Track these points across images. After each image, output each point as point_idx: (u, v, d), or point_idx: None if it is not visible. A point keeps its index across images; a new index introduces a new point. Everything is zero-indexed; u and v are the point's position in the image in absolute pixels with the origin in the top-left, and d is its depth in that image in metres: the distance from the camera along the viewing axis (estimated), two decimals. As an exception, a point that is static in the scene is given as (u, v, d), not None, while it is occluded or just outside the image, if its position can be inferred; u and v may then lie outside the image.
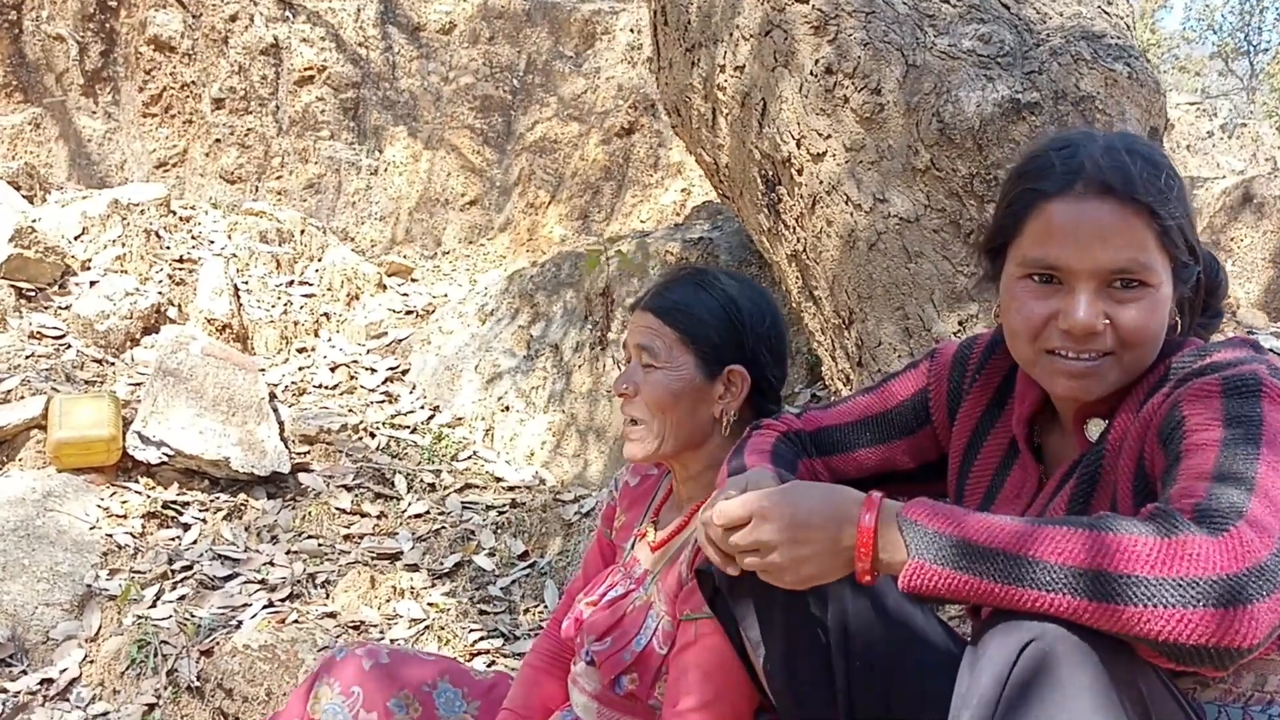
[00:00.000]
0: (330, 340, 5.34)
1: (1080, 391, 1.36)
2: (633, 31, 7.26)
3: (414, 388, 5.00)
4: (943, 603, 1.19)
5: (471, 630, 3.36)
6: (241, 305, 5.28)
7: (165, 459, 3.94)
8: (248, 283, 5.50)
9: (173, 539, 3.74)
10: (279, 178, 7.03)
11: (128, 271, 5.17)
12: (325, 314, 5.48)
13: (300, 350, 5.25)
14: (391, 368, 5.13)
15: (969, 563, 1.15)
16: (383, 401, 4.89)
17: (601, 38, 7.32)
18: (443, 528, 3.94)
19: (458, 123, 7.26)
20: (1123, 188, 1.29)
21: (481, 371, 4.86)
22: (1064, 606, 1.10)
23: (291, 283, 5.65)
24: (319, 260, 5.86)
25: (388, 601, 3.46)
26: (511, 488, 4.32)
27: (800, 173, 2.91)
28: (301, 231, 6.00)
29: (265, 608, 3.42)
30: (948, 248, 2.63)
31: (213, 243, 5.68)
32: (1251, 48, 16.99)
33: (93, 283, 5.00)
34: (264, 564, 3.66)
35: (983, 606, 1.19)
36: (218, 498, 3.97)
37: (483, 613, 3.48)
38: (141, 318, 4.89)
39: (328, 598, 3.51)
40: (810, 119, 2.85)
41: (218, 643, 3.22)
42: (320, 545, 3.78)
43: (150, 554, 3.64)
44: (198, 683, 3.11)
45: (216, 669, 3.10)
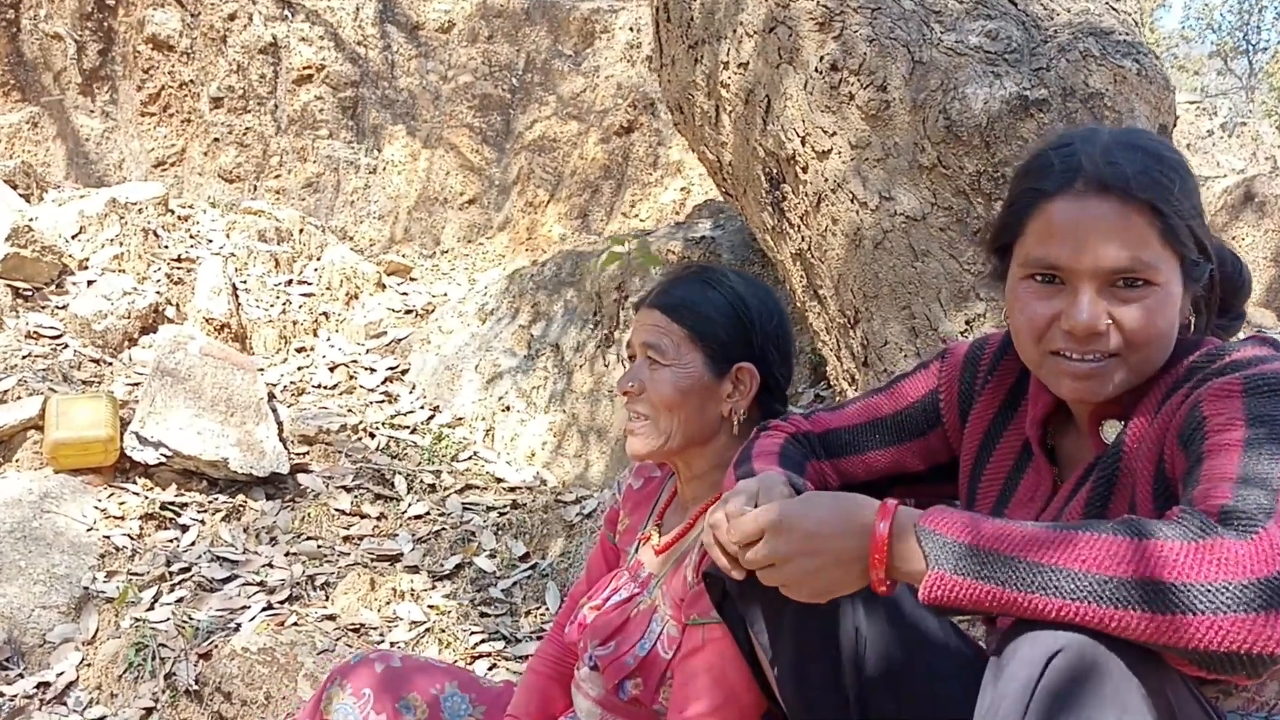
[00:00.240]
0: (329, 340, 5.31)
1: (1085, 393, 1.33)
2: (632, 30, 7.23)
3: (414, 388, 4.97)
4: (964, 614, 1.16)
5: (473, 633, 3.33)
6: (240, 305, 5.25)
7: (163, 460, 3.91)
8: (246, 282, 5.47)
9: (171, 540, 3.71)
10: (277, 177, 7.00)
11: (125, 271, 5.14)
12: (324, 313, 5.45)
13: (299, 350, 5.22)
14: (391, 367, 5.10)
15: (991, 571, 1.12)
16: (382, 401, 4.86)
17: (601, 36, 7.29)
18: (443, 529, 3.91)
19: (457, 121, 7.23)
20: (1122, 185, 1.27)
21: (482, 371, 4.83)
22: (1090, 615, 1.07)
23: (290, 282, 5.62)
24: (318, 259, 5.83)
25: (388, 604, 3.43)
26: (512, 488, 4.29)
27: (805, 170, 2.88)
28: (300, 230, 5.97)
29: (264, 610, 3.39)
30: (954, 246, 2.60)
31: (211, 242, 5.65)
32: (1250, 46, 16.99)
33: (90, 282, 4.97)
34: (263, 566, 3.63)
35: (1002, 615, 1.16)
36: (216, 499, 3.94)
37: (484, 615, 3.45)
38: (139, 317, 4.86)
39: (327, 600, 3.48)
40: (815, 116, 2.83)
41: (216, 645, 3.19)
42: (320, 547, 3.75)
43: (148, 556, 3.61)
44: (196, 686, 3.09)
45: (215, 672, 3.07)
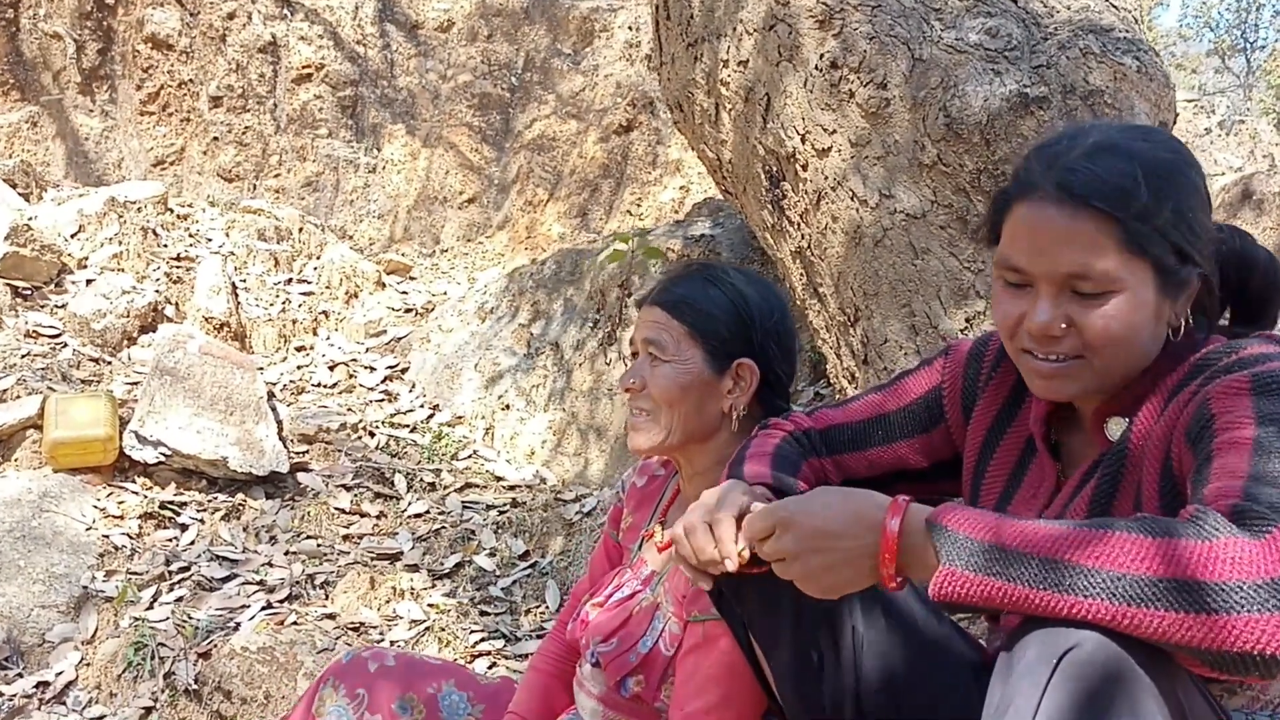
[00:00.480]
0: (329, 339, 5.30)
1: (1051, 392, 1.36)
2: (631, 29, 7.23)
3: (413, 386, 4.97)
4: (974, 611, 1.16)
5: (472, 631, 3.33)
6: (239, 303, 5.25)
7: (162, 459, 3.91)
8: (245, 281, 5.46)
9: (170, 540, 3.71)
10: (277, 176, 7.00)
11: (125, 270, 5.13)
12: (324, 312, 5.45)
13: (299, 349, 5.21)
14: (391, 366, 5.09)
15: (1004, 568, 1.11)
16: (382, 400, 4.85)
17: (600, 35, 7.29)
18: (443, 527, 3.91)
19: (456, 120, 7.22)
20: (1080, 193, 1.27)
21: (481, 370, 4.83)
22: (1103, 613, 1.06)
23: (290, 281, 5.62)
24: (317, 258, 5.82)
25: (388, 602, 3.42)
26: (512, 487, 4.29)
27: (805, 168, 2.88)
28: (300, 229, 5.97)
29: (264, 609, 3.39)
30: (954, 244, 2.60)
31: (210, 240, 5.64)
32: (1248, 45, 16.99)
33: (89, 281, 4.96)
34: (262, 565, 3.62)
35: (1005, 612, 1.15)
36: (215, 498, 3.94)
37: (484, 613, 3.45)
38: (138, 316, 4.85)
39: (327, 599, 3.48)
40: (815, 114, 2.82)
41: (216, 645, 3.19)
42: (319, 546, 3.75)
43: (147, 555, 3.61)
44: (195, 685, 3.08)
45: (214, 671, 3.06)
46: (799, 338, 1.97)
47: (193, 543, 3.71)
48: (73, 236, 5.20)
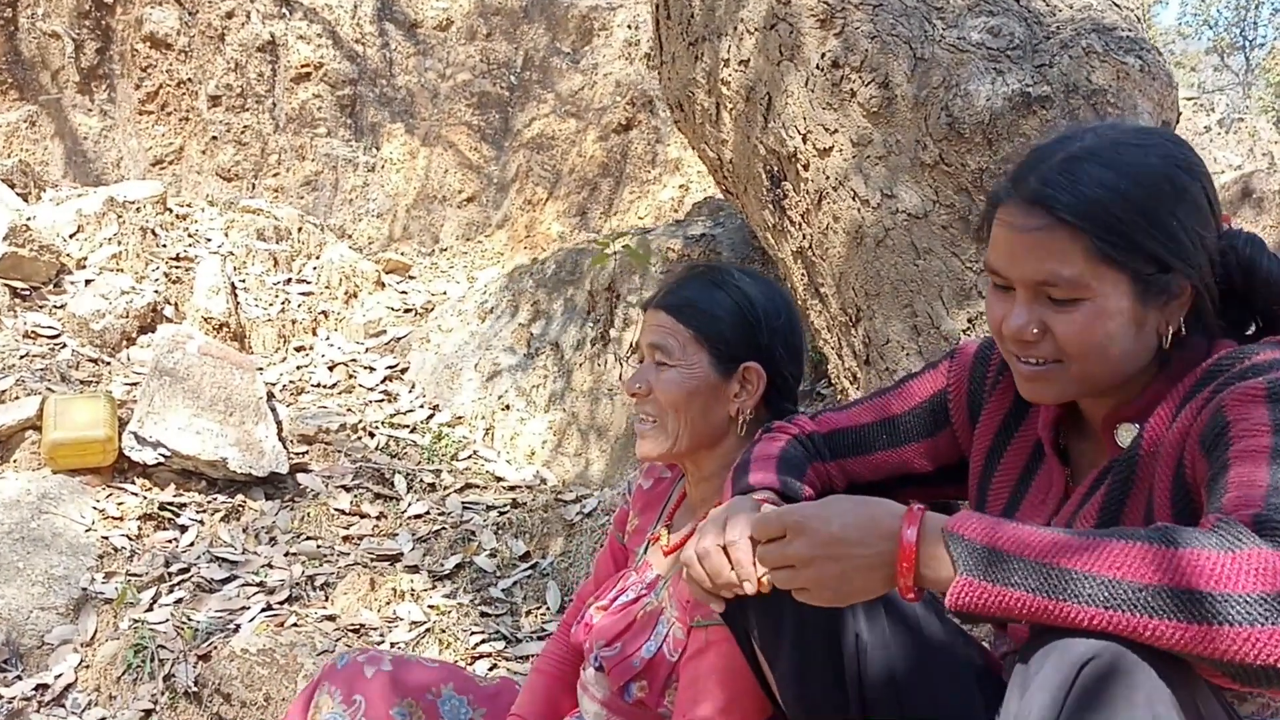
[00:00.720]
0: (328, 339, 5.29)
1: (1034, 395, 1.37)
2: (630, 28, 7.22)
3: (413, 386, 4.96)
4: (991, 621, 1.14)
5: (473, 633, 3.32)
6: (239, 304, 5.24)
7: (162, 460, 3.90)
8: (245, 281, 5.45)
9: (169, 541, 3.70)
10: (276, 175, 6.98)
11: (124, 270, 5.12)
12: (323, 312, 5.43)
13: (298, 349, 5.20)
14: (390, 366, 5.08)
15: (1022, 578, 1.10)
16: (382, 400, 4.84)
17: (599, 34, 7.28)
18: (443, 528, 3.90)
19: (455, 119, 7.21)
20: (1048, 203, 1.28)
21: (481, 370, 4.82)
22: (1124, 623, 1.05)
23: (289, 281, 5.60)
24: (317, 258, 5.81)
25: (388, 604, 3.41)
26: (512, 487, 4.28)
27: (806, 168, 2.87)
28: (299, 229, 5.95)
29: (264, 611, 3.38)
30: (957, 244, 2.59)
31: (209, 240, 5.63)
32: (1247, 43, 16.97)
33: (88, 281, 4.95)
34: (262, 566, 3.61)
35: (1021, 622, 1.14)
36: (215, 499, 3.93)
37: (484, 615, 3.44)
38: (138, 316, 4.84)
39: (327, 600, 3.47)
40: (816, 113, 2.81)
41: (215, 647, 3.17)
42: (319, 547, 3.74)
43: (147, 556, 3.60)
44: (195, 688, 3.07)
45: (214, 673, 3.05)
46: (805, 337, 1.96)
47: (192, 544, 3.70)
48: (71, 237, 5.19)
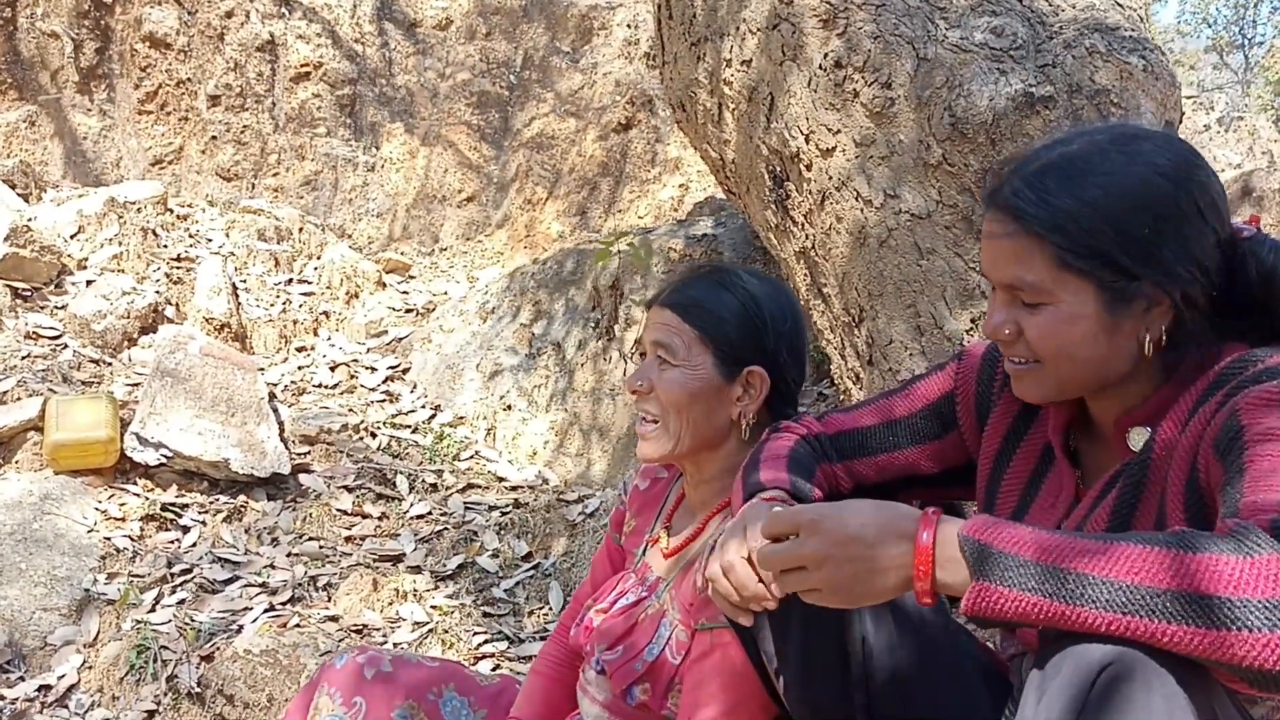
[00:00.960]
0: (330, 339, 5.29)
1: (1021, 393, 1.40)
2: (630, 27, 7.21)
3: (415, 387, 4.96)
4: (1007, 625, 1.14)
5: (476, 633, 3.32)
6: (240, 304, 5.24)
7: (164, 460, 3.90)
8: (246, 281, 5.45)
9: (172, 542, 3.70)
10: (275, 175, 6.98)
11: (125, 270, 5.12)
12: (325, 312, 5.43)
13: (299, 349, 5.20)
14: (392, 366, 5.08)
15: (1039, 583, 1.09)
16: (383, 401, 4.84)
17: (599, 33, 7.27)
18: (445, 529, 3.90)
19: (455, 119, 7.20)
20: (1015, 210, 1.31)
21: (483, 370, 4.81)
22: (1141, 629, 1.05)
23: (290, 281, 5.60)
24: (318, 258, 5.80)
25: (390, 604, 3.41)
26: (514, 488, 4.27)
27: (809, 168, 2.87)
28: (300, 229, 5.95)
29: (266, 611, 3.38)
30: (960, 244, 2.59)
31: (210, 241, 5.63)
32: (1246, 41, 16.96)
33: (89, 282, 4.95)
34: (264, 567, 3.61)
35: (1035, 627, 1.14)
36: (217, 499, 3.92)
37: (487, 615, 3.44)
38: (139, 317, 4.84)
39: (330, 601, 3.46)
40: (819, 114, 2.81)
41: (218, 647, 3.17)
42: (321, 547, 3.74)
43: (149, 557, 3.59)
44: (198, 689, 3.07)
45: (217, 674, 3.05)
46: (809, 342, 1.96)
47: (194, 545, 3.69)
48: (72, 237, 5.18)
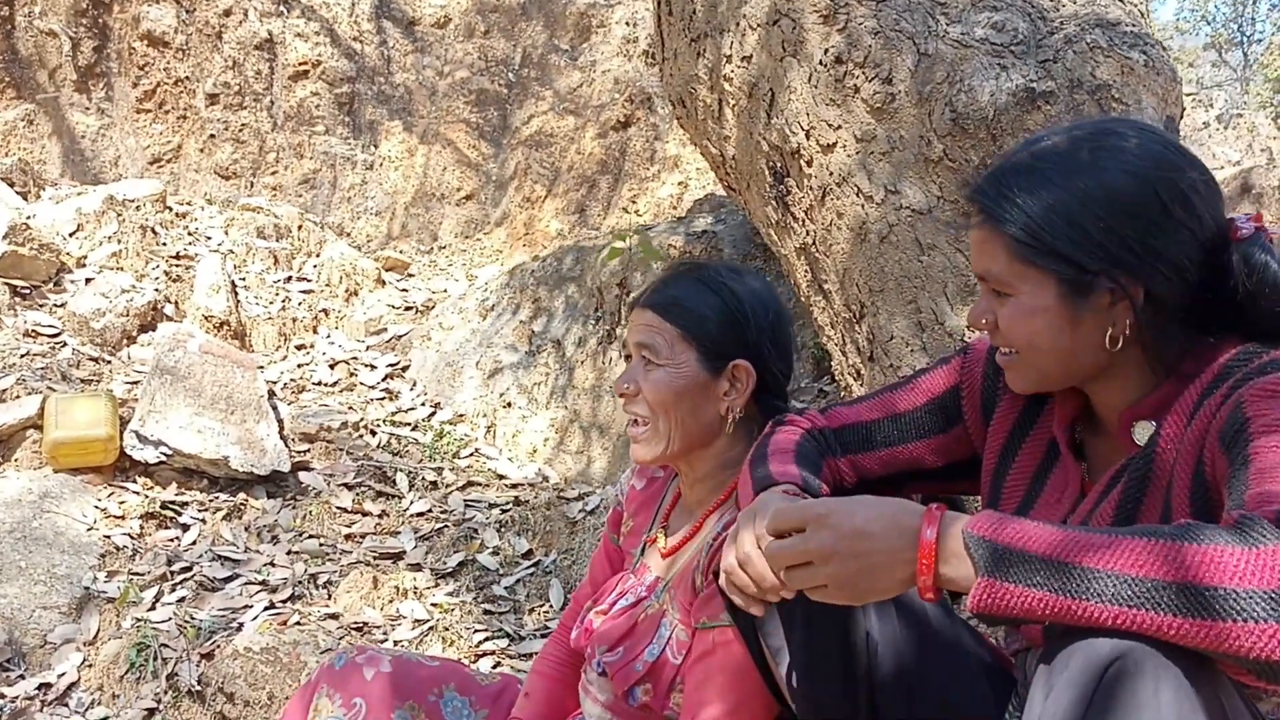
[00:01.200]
0: (329, 337, 5.29)
1: (1010, 383, 1.43)
2: (628, 25, 7.20)
3: (414, 384, 4.95)
4: (1013, 622, 1.13)
5: (476, 630, 3.32)
6: (239, 302, 5.23)
7: (163, 458, 3.89)
8: (245, 279, 5.44)
9: (171, 540, 3.69)
10: (274, 173, 6.97)
11: (124, 268, 5.11)
12: (324, 310, 5.43)
13: (299, 347, 5.20)
14: (391, 364, 5.08)
15: (1045, 579, 1.08)
16: (383, 398, 4.83)
17: (597, 31, 7.27)
18: (445, 526, 3.89)
19: (453, 117, 7.20)
20: (980, 204, 1.36)
21: (483, 367, 4.81)
22: (1147, 622, 1.04)
23: (289, 279, 5.60)
24: (317, 256, 5.80)
25: (390, 602, 3.41)
26: (514, 485, 4.27)
27: (810, 164, 2.86)
28: (299, 227, 5.95)
29: (266, 609, 3.37)
30: (961, 240, 2.59)
31: (209, 239, 5.62)
32: (1245, 38, 16.97)
33: (88, 280, 4.94)
34: (264, 564, 3.61)
35: (1042, 622, 1.13)
36: (217, 497, 3.92)
37: (487, 613, 3.43)
38: (138, 315, 4.83)
39: (330, 598, 3.46)
40: (820, 109, 2.81)
41: (218, 645, 3.17)
42: (321, 545, 3.73)
43: (149, 555, 3.59)
44: (198, 686, 3.06)
45: (217, 672, 3.04)
46: (801, 335, 1.95)
47: (194, 543, 3.69)
48: (71, 235, 5.18)
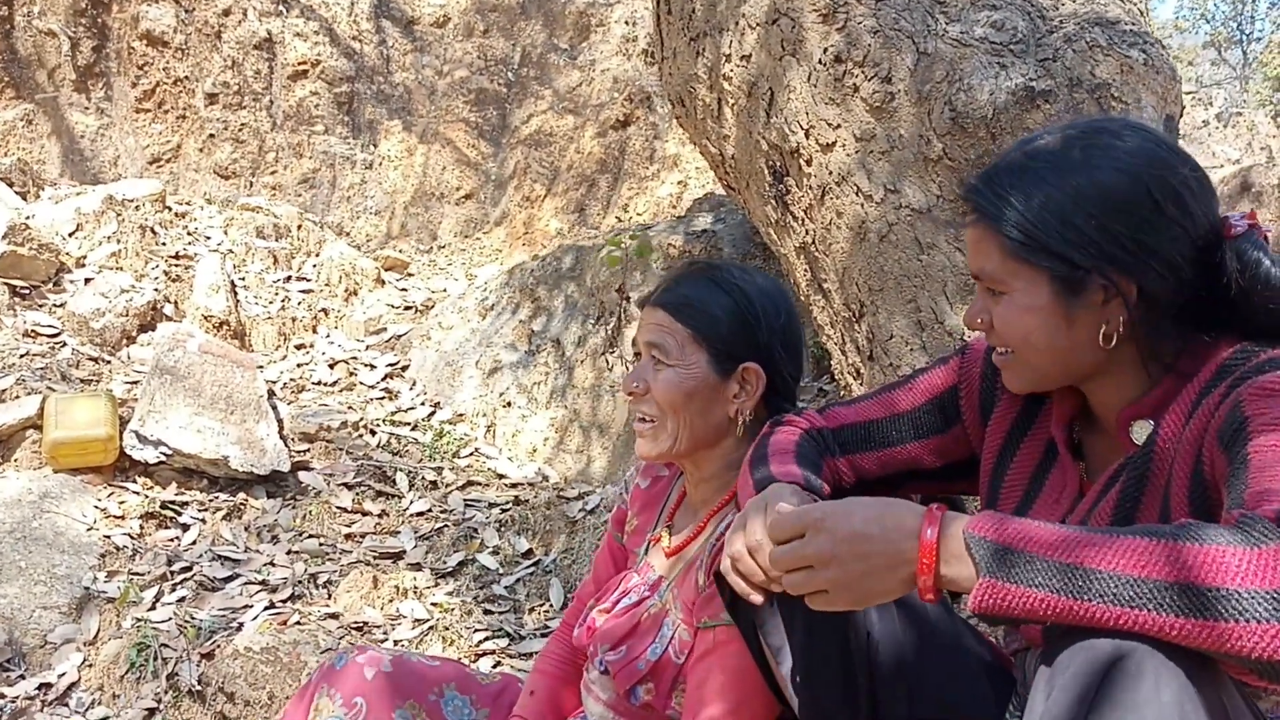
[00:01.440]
0: (329, 336, 5.28)
1: (1007, 384, 1.44)
2: (628, 24, 7.20)
3: (414, 384, 4.95)
4: (1014, 622, 1.13)
5: (476, 630, 3.32)
6: (238, 301, 5.23)
7: (163, 458, 3.89)
8: (244, 279, 5.44)
9: (171, 540, 3.69)
10: (273, 173, 6.97)
11: (123, 268, 5.11)
12: (323, 310, 5.43)
13: (298, 347, 5.19)
14: (391, 364, 5.08)
15: (1045, 579, 1.08)
16: (383, 398, 4.83)
17: (596, 30, 7.26)
18: (445, 526, 3.89)
19: (452, 116, 7.20)
20: (973, 202, 1.38)
21: (482, 367, 4.81)
22: (1148, 622, 1.04)
23: (289, 278, 5.60)
24: (316, 256, 5.80)
25: (390, 602, 3.41)
26: (514, 485, 4.27)
27: (809, 163, 2.86)
28: (298, 227, 5.94)
29: (266, 609, 3.37)
30: (960, 239, 2.58)
31: (209, 238, 5.62)
32: (1244, 36, 16.98)
33: (88, 280, 4.94)
34: (264, 564, 3.61)
35: (1044, 622, 1.13)
36: (217, 497, 3.92)
37: (487, 612, 3.43)
38: (137, 315, 4.83)
39: (330, 598, 3.46)
40: (819, 108, 2.80)
41: (218, 645, 3.17)
42: (321, 545, 3.73)
43: (149, 555, 3.59)
44: (199, 686, 3.06)
45: (218, 672, 3.04)
46: (805, 337, 1.94)
47: (194, 542, 3.69)
48: (70, 235, 5.18)
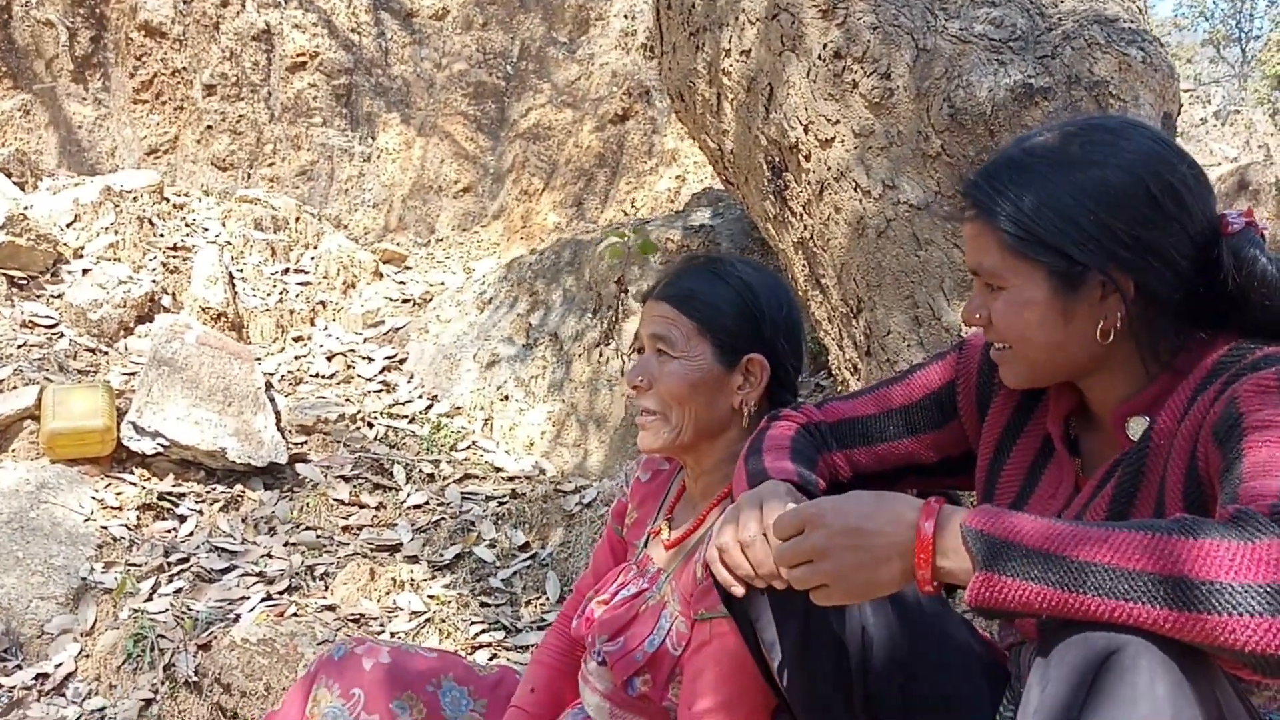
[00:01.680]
0: (326, 329, 5.29)
1: (1004, 379, 1.44)
2: (627, 17, 7.20)
3: (412, 377, 4.96)
4: (1010, 616, 1.14)
5: (473, 623, 3.33)
6: (236, 293, 5.23)
7: (160, 450, 3.89)
8: (242, 270, 5.44)
9: (169, 531, 3.70)
10: (271, 165, 6.96)
11: (121, 259, 5.11)
12: (321, 302, 5.43)
13: (296, 339, 5.20)
14: (389, 357, 5.08)
15: (1042, 572, 1.09)
16: (380, 391, 4.84)
17: (595, 24, 7.26)
18: (442, 519, 3.90)
19: (451, 109, 7.19)
20: (972, 197, 1.38)
21: (480, 360, 4.81)
22: (1143, 616, 1.05)
23: (287, 270, 5.60)
24: (314, 248, 5.80)
25: (387, 594, 3.42)
26: (511, 478, 4.28)
27: (808, 159, 2.87)
28: (296, 219, 5.94)
29: (263, 601, 3.38)
30: (958, 235, 2.59)
31: (207, 230, 5.62)
32: (1243, 34, 17.03)
33: (85, 271, 4.94)
34: (262, 556, 3.61)
35: (1040, 617, 1.13)
36: (214, 489, 3.92)
37: (484, 605, 3.44)
38: (135, 306, 4.83)
39: (327, 590, 3.47)
40: (818, 104, 2.81)
41: (215, 636, 3.18)
42: (319, 537, 3.74)
43: (146, 546, 3.59)
44: (195, 677, 3.07)
45: (214, 663, 3.05)
46: (805, 330, 1.95)
47: (191, 534, 3.70)
48: (68, 226, 5.17)
